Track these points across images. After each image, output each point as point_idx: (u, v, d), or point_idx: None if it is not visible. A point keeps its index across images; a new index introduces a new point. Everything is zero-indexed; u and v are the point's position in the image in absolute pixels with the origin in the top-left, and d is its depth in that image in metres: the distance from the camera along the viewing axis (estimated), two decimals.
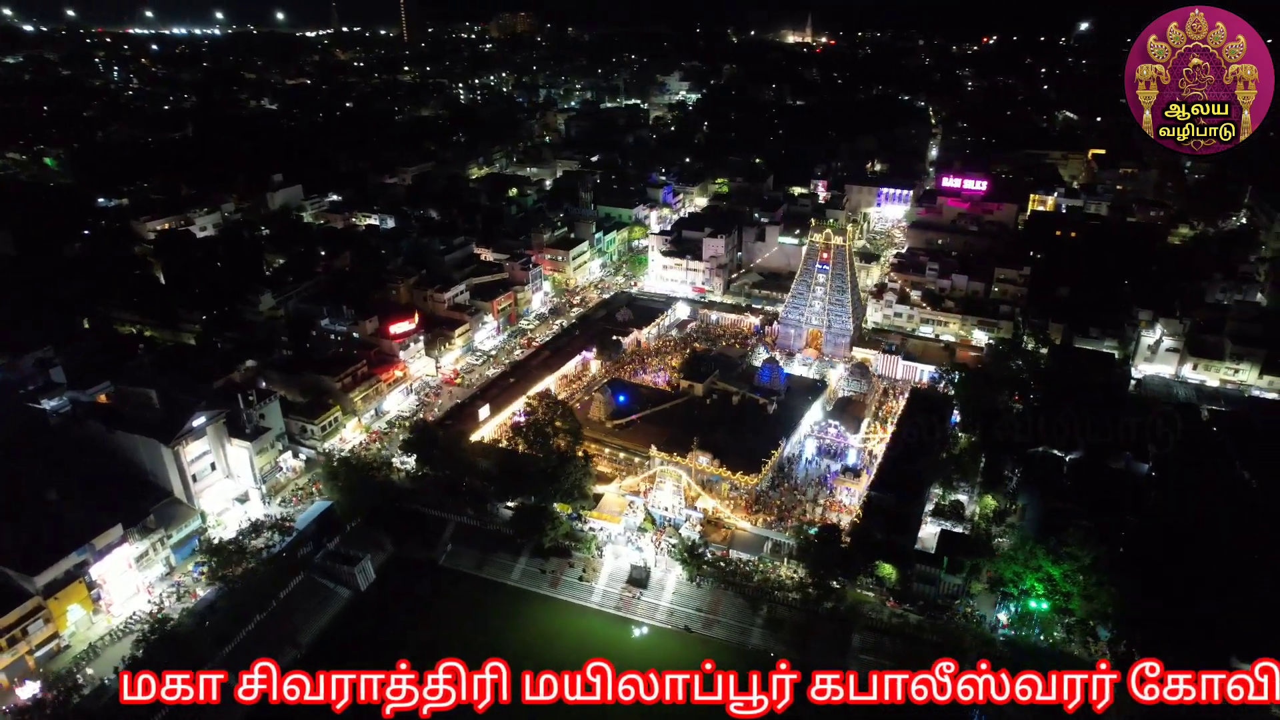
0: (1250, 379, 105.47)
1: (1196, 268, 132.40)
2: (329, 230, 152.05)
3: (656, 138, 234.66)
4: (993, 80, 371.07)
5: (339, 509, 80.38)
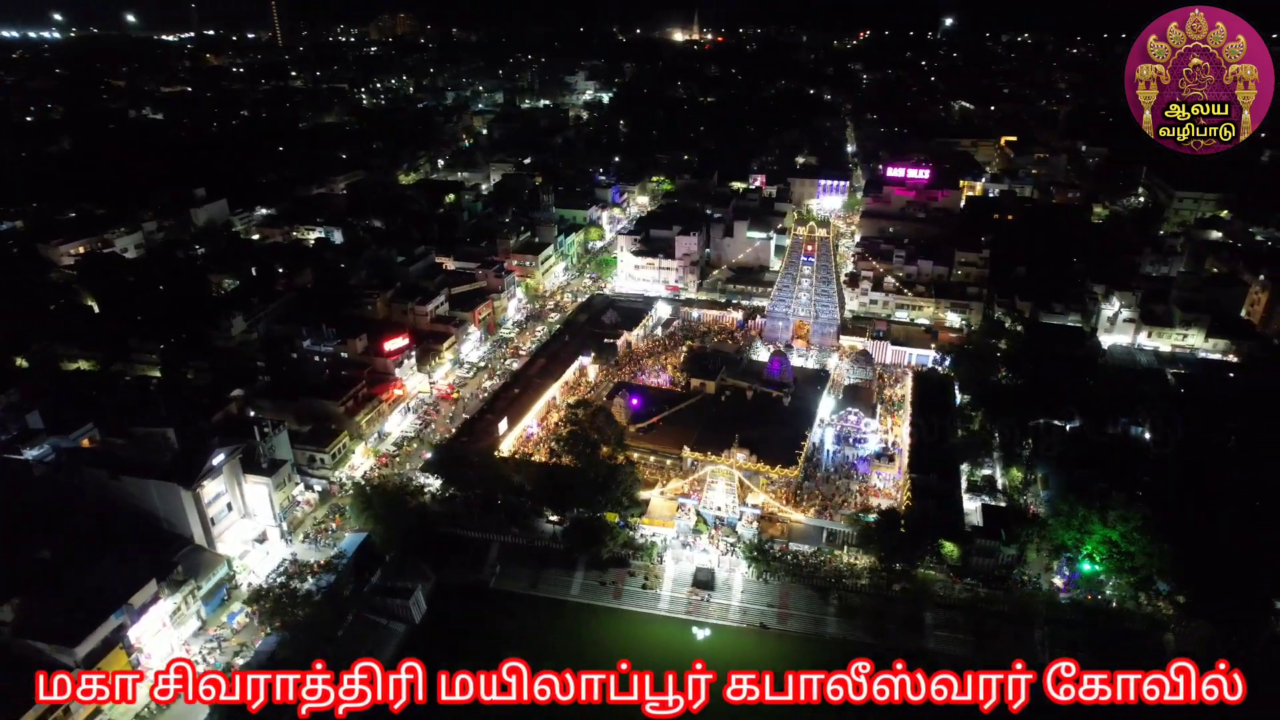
0: (1198, 343, 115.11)
1: (1125, 243, 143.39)
2: (276, 246, 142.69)
3: (581, 138, 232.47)
4: (883, 73, 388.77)
5: (377, 539, 75.72)
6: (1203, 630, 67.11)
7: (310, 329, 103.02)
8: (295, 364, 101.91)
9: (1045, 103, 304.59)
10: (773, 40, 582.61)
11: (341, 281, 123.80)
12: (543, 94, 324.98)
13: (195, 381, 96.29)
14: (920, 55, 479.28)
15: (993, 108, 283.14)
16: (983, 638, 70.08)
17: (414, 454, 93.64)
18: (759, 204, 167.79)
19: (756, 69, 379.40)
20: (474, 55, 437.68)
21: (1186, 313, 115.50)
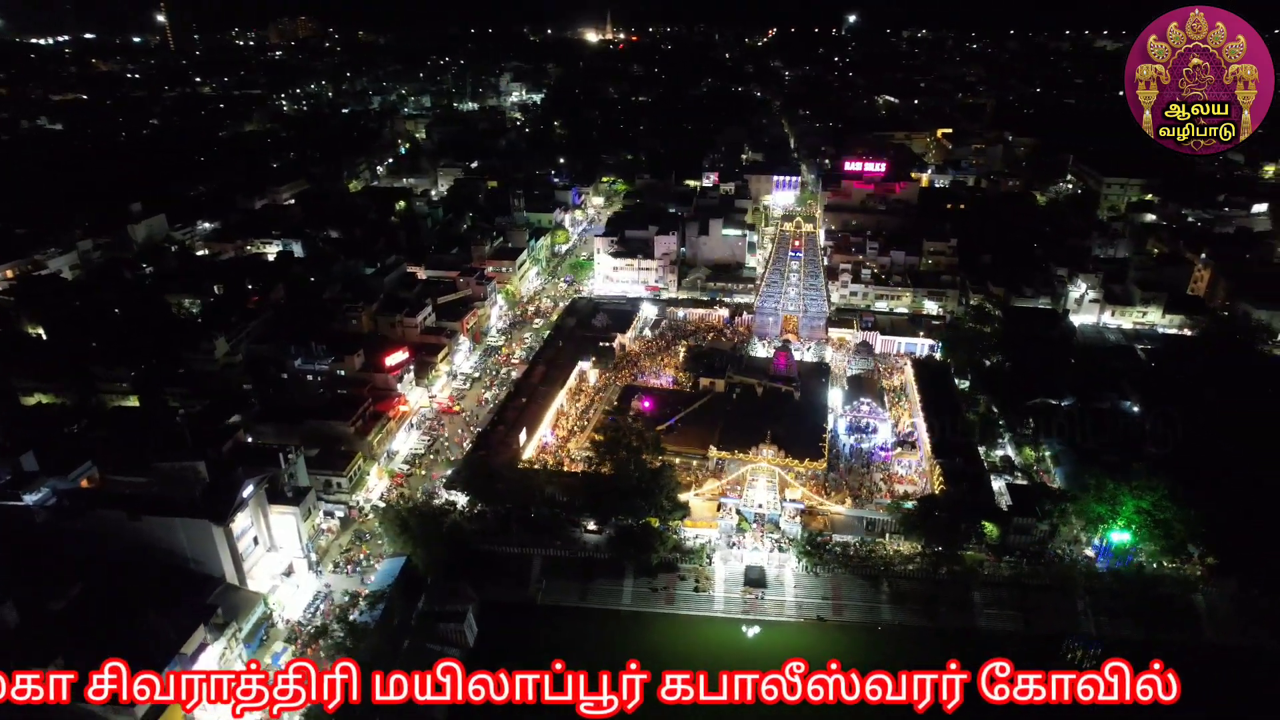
0: (1156, 319, 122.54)
1: (1073, 227, 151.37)
2: (235, 262, 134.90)
3: (524, 140, 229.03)
4: (801, 70, 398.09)
5: (418, 562, 72.58)
6: (1230, 588, 71.53)
7: (299, 348, 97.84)
8: (287, 385, 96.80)
9: (961, 96, 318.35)
10: (687, 39, 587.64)
11: (315, 296, 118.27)
12: (471, 97, 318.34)
13: (183, 409, 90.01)
14: (831, 52, 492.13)
15: (916, 101, 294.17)
16: (1028, 612, 72.62)
17: (428, 471, 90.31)
18: (718, 202, 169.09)
19: (679, 68, 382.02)
20: (388, 58, 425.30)
21: (1145, 291, 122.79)
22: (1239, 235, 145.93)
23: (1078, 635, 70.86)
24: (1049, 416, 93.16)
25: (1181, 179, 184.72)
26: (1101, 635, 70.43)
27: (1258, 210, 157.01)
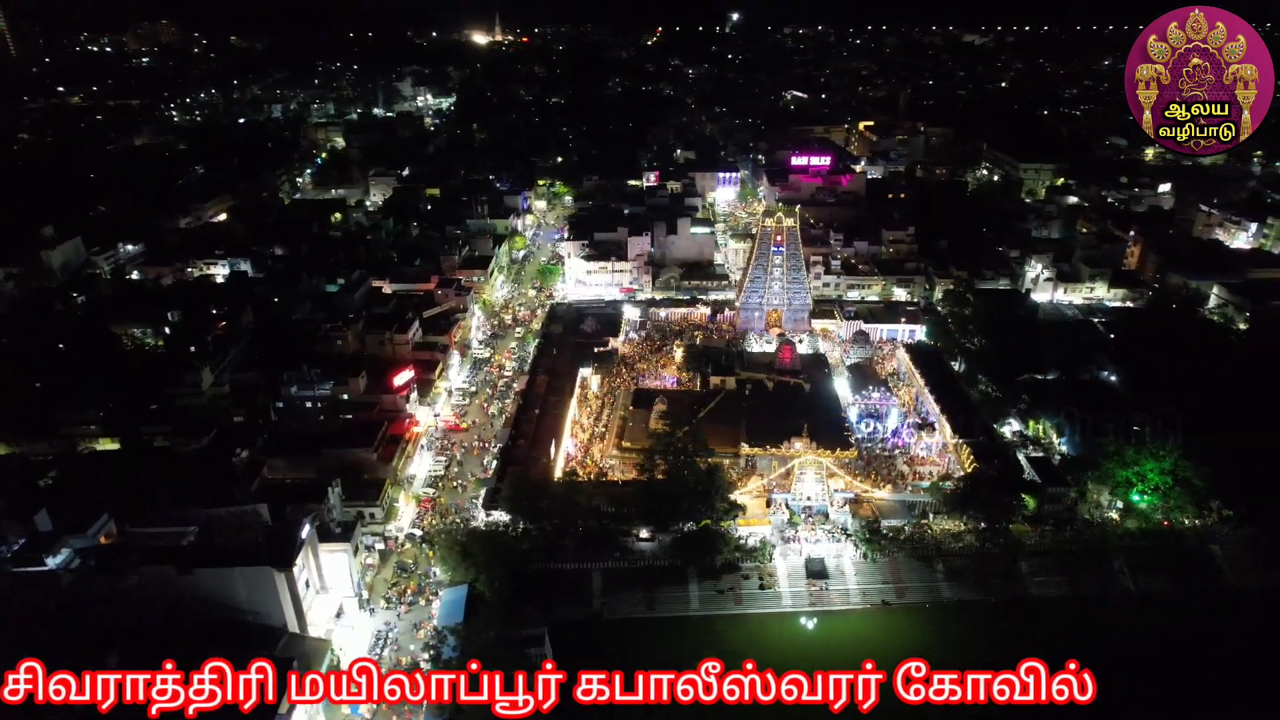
0: (1103, 294, 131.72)
1: (1009, 212, 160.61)
2: (183, 286, 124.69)
3: (451, 147, 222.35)
4: (701, 68, 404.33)
5: (483, 589, 69.44)
6: (1245, 536, 77.79)
7: (292, 373, 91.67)
8: (283, 415, 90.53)
9: (862, 89, 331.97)
10: (579, 39, 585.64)
11: (284, 318, 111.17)
12: (378, 103, 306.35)
13: (179, 448, 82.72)
14: (724, 50, 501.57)
15: (823, 96, 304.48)
16: (1072, 577, 76.65)
17: (453, 493, 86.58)
18: (669, 201, 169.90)
19: (582, 68, 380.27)
20: (271, 65, 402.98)
21: (1091, 269, 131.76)
22: (1152, 213, 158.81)
23: (1121, 594, 75.56)
24: (1040, 391, 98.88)
25: (1083, 162, 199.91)
26: (1140, 591, 75.36)
27: (1163, 190, 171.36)
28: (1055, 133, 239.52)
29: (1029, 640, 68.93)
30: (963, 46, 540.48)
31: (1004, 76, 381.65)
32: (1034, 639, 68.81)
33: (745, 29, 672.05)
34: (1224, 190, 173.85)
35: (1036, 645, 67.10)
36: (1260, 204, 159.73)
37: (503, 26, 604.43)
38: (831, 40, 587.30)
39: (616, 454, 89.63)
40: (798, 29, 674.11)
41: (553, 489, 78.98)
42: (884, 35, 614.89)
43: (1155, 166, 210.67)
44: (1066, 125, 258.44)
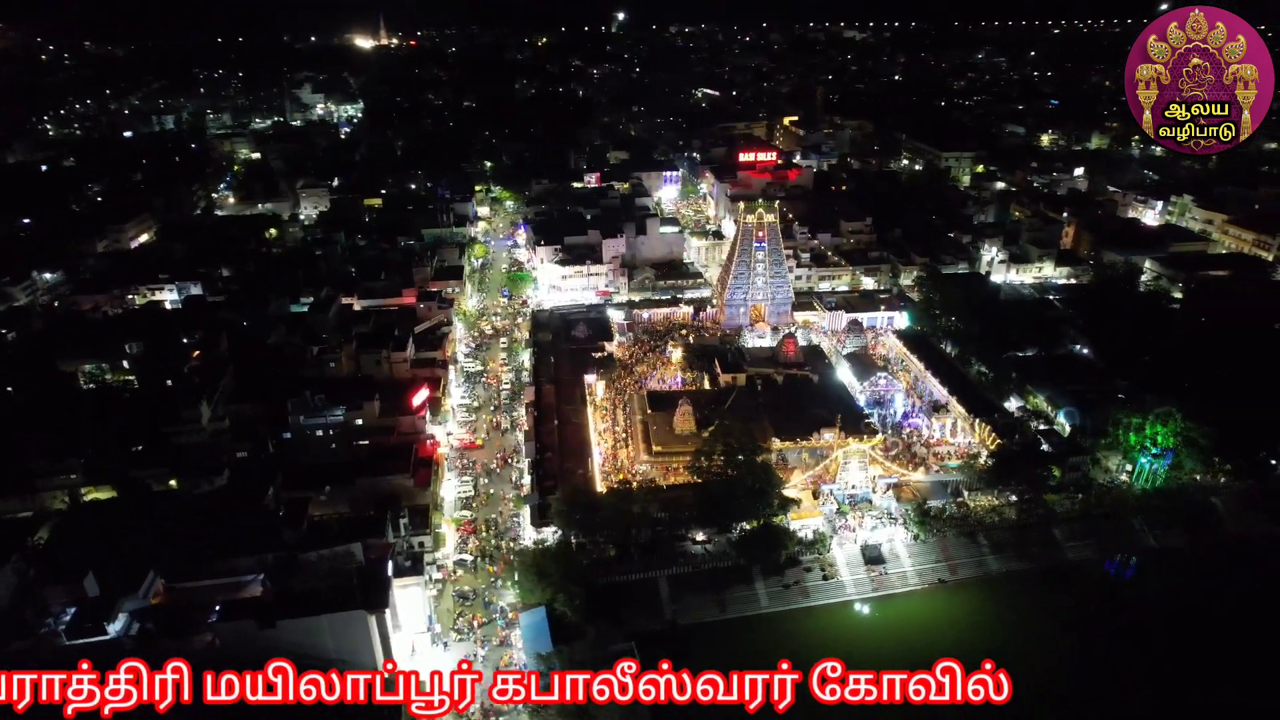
0: (1050, 272, 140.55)
1: (947, 198, 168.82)
2: (133, 315, 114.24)
3: (377, 156, 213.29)
4: (604, 68, 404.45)
5: (562, 608, 67.27)
6: (1242, 488, 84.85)
7: (296, 401, 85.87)
8: (292, 446, 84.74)
9: (765, 85, 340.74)
10: (469, 42, 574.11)
11: (259, 343, 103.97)
12: (275, 111, 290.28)
13: (187, 491, 76.08)
14: (618, 49, 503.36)
15: (734, 93, 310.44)
16: (1100, 539, 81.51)
17: (486, 511, 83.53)
18: (620, 202, 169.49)
19: (483, 72, 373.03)
20: (140, 71, 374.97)
21: (1039, 249, 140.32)
22: (1073, 195, 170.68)
23: (1144, 550, 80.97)
24: (1026, 367, 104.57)
25: (995, 150, 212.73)
26: (1160, 547, 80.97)
27: (1078, 174, 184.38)
28: (960, 123, 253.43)
29: (1071, 607, 73.88)
30: (845, 42, 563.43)
31: (893, 70, 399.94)
32: (1074, 605, 74.15)
33: (631, 28, 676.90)
34: (1115, 173, 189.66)
35: (1077, 612, 73.43)
36: (1165, 184, 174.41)
37: (388, 30, 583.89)
38: (720, 39, 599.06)
39: (648, 459, 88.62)
40: (683, 28, 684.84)
41: (604, 500, 77.35)
42: (768, 32, 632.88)
43: (1052, 152, 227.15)
44: (963, 115, 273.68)
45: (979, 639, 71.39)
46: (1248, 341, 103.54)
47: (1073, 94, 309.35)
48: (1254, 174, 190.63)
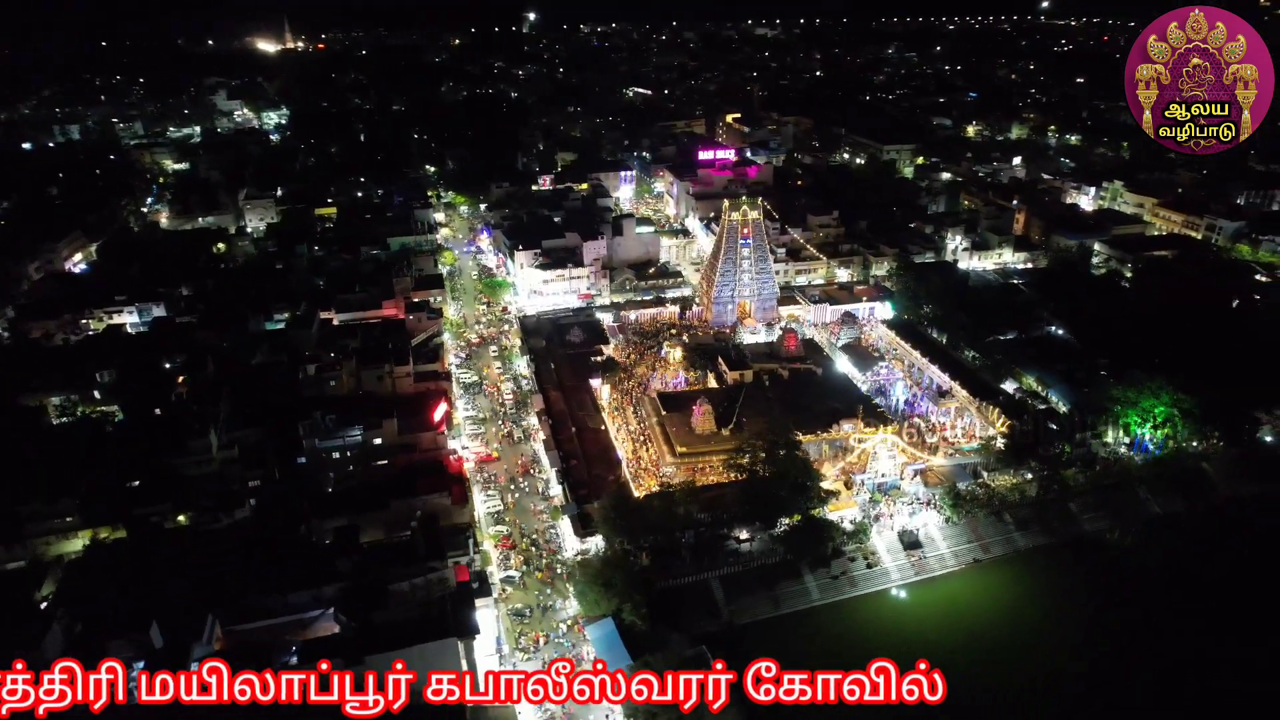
0: (1009, 258, 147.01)
1: (899, 189, 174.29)
2: (94, 341, 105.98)
3: (321, 165, 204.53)
4: (529, 69, 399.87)
5: (631, 616, 66.36)
6: (1230, 452, 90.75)
7: (307, 424, 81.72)
8: (305, 471, 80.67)
9: (693, 83, 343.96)
10: (381, 43, 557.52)
11: (243, 364, 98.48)
12: (191, 119, 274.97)
13: (205, 526, 71.39)
14: (540, 50, 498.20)
15: (666, 91, 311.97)
16: (1111, 510, 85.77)
17: (524, 527, 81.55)
18: (581, 203, 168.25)
19: (406, 74, 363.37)
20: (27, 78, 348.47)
21: (998, 236, 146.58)
22: (1014, 184, 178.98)
23: (1149, 517, 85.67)
24: (1012, 350, 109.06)
25: (929, 142, 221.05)
26: (1164, 513, 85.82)
27: (1016, 163, 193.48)
28: (893, 117, 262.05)
29: (1093, 577, 77.87)
30: (758, 39, 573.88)
31: (813, 67, 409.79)
32: (1095, 575, 78.14)
33: (543, 28, 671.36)
34: (1042, 162, 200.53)
35: (1098, 581, 77.24)
36: (1094, 170, 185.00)
37: (293, 33, 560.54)
38: (635, 38, 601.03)
39: (673, 460, 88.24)
40: (595, 27, 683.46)
41: (648, 504, 76.67)
42: (681, 30, 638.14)
43: (979, 142, 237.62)
44: (891, 110, 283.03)
45: (1020, 614, 74.86)
46: (1202, 316, 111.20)
47: (985, 87, 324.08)
48: (1164, 159, 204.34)
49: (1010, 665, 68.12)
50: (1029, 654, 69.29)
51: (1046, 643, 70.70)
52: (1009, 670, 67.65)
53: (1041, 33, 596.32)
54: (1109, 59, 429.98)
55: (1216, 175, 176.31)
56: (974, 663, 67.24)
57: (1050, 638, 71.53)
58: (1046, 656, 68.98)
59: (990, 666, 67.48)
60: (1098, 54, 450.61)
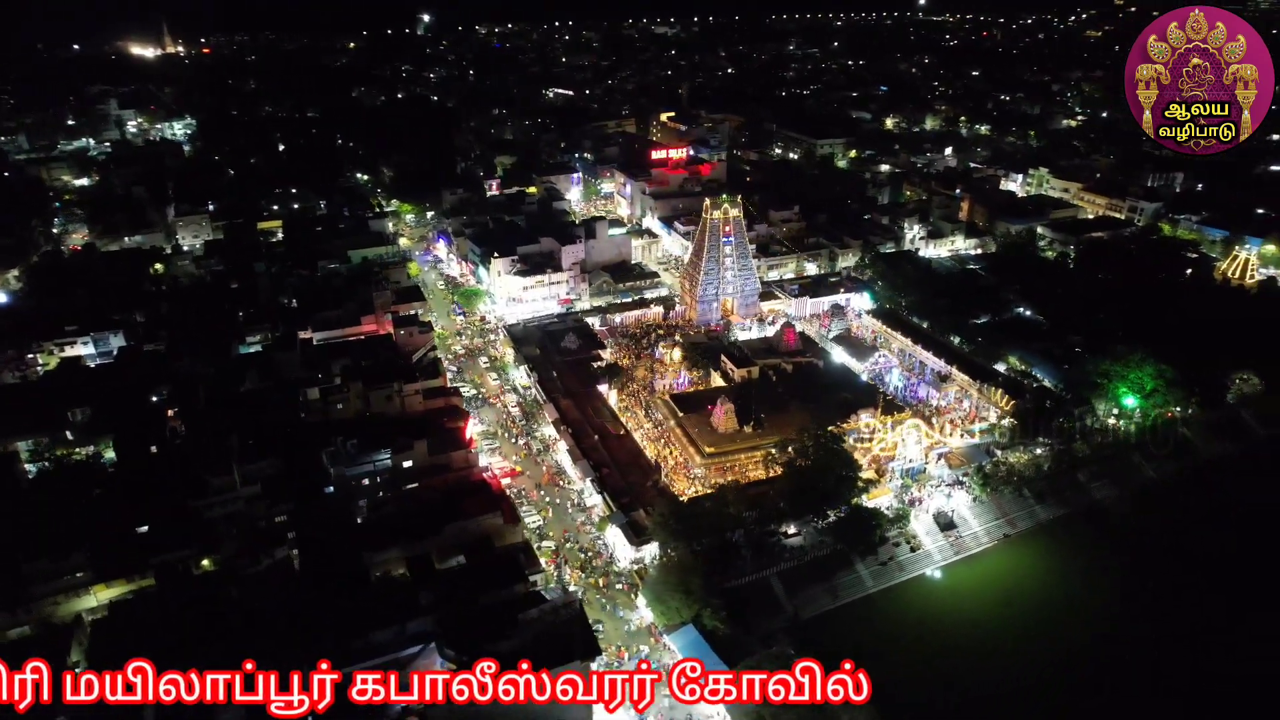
0: (961, 245, 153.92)
1: (844, 182, 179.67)
2: (51, 379, 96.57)
3: (255, 178, 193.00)
4: (439, 72, 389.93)
5: (712, 621, 66.05)
6: (1203, 416, 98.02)
7: (332, 452, 77.52)
8: (331, 501, 76.48)
9: (610, 82, 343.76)
10: (273, 48, 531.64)
11: (232, 392, 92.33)
12: (80, 130, 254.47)
13: (244, 570, 66.67)
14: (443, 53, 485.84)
15: (588, 91, 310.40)
16: (1113, 478, 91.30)
17: (570, 540, 79.96)
18: (537, 206, 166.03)
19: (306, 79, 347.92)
20: None
21: (949, 224, 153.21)
22: (949, 173, 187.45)
23: (1145, 482, 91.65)
24: (992, 333, 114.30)
25: (858, 135, 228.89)
26: (1159, 476, 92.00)
27: (947, 153, 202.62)
28: (815, 111, 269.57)
29: (1108, 545, 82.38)
30: (660, 38, 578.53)
31: (721, 64, 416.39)
32: (1110, 543, 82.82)
33: (438, 30, 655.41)
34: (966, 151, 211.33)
35: (1113, 549, 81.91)
36: (1018, 159, 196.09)
37: (172, 37, 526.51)
38: (536, 38, 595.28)
39: (703, 461, 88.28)
40: (493, 28, 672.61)
41: (698, 506, 76.50)
42: (578, 30, 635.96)
43: (900, 135, 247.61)
44: (813, 104, 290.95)
45: (1054, 584, 78.33)
46: (1151, 292, 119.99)
47: (891, 81, 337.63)
48: (1069, 147, 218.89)
49: (1056, 634, 70.83)
50: (1071, 622, 72.30)
51: (1084, 610, 74.26)
52: (1055, 639, 70.13)
53: (924, 28, 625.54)
54: (993, 53, 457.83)
55: (1125, 160, 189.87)
56: (1020, 637, 70.57)
57: (1086, 605, 75.23)
58: (1086, 625, 71.98)
59: (1036, 638, 70.33)
60: (984, 49, 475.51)
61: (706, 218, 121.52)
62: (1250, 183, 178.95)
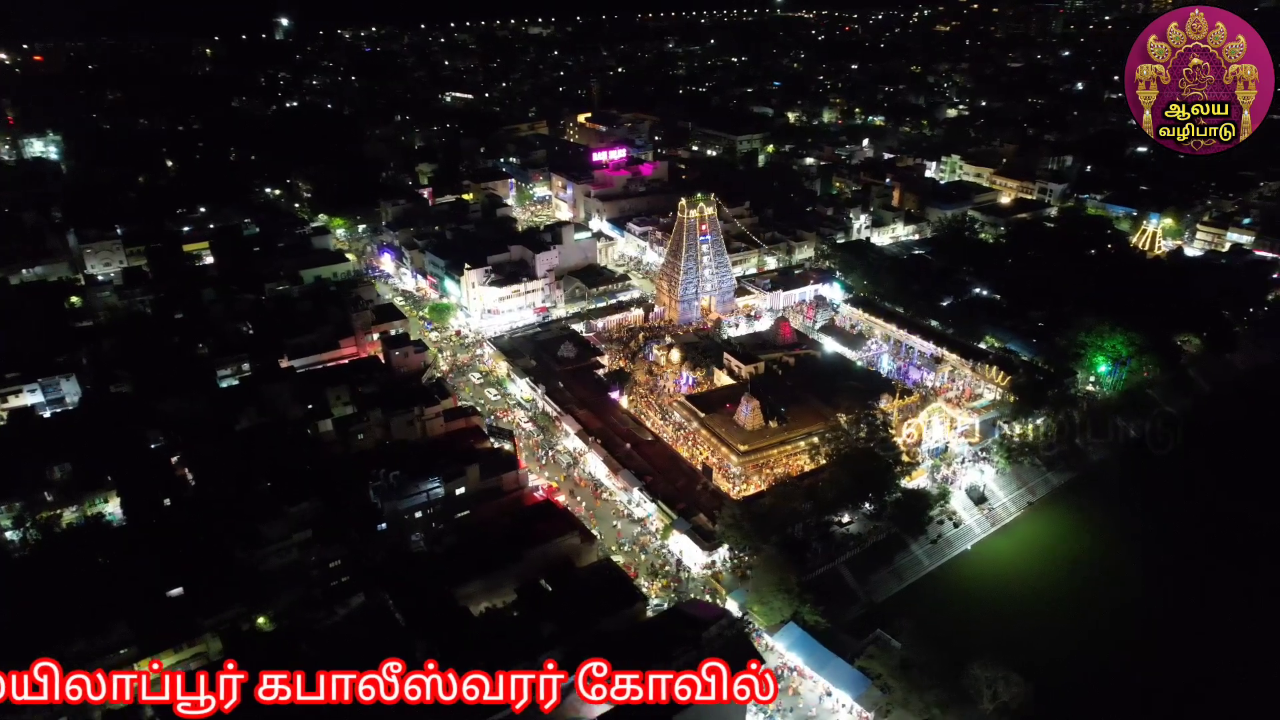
0: (902, 232, 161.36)
1: (778, 175, 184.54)
2: (13, 430, 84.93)
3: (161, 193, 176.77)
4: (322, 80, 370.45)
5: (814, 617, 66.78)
6: (1166, 378, 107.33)
7: (378, 486, 72.80)
8: (387, 537, 71.94)
9: (505, 84, 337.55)
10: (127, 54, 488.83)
11: (227, 432, 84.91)
12: None
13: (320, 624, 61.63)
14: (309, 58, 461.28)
15: (487, 95, 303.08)
16: (1103, 440, 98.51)
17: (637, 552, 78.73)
18: (481, 213, 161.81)
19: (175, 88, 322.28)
20: None
21: (889, 212, 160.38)
22: (868, 163, 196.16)
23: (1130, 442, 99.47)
24: (961, 313, 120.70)
25: (772, 130, 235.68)
26: (1138, 437, 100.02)
27: (865, 144, 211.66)
28: (719, 108, 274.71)
29: (1112, 502, 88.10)
30: (534, 39, 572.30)
31: (610, 64, 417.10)
32: (1112, 498, 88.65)
33: (299, 34, 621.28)
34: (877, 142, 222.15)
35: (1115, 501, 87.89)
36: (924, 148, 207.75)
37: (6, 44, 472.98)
38: (408, 40, 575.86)
39: (738, 460, 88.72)
40: (358, 31, 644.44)
41: (762, 507, 76.98)
42: (452, 32, 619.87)
43: (805, 129, 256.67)
44: (711, 101, 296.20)
45: (1081, 545, 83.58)
46: (1086, 267, 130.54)
47: (780, 76, 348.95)
48: (966, 135, 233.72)
49: (1097, 590, 75.38)
50: (1104, 580, 76.78)
51: (1114, 567, 79.06)
52: (1099, 595, 74.65)
53: (789, 24, 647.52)
54: (861, 46, 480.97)
55: (1023, 146, 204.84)
56: (1068, 598, 74.65)
57: (1113, 561, 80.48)
58: (1120, 581, 76.46)
59: (1083, 595, 74.84)
60: (851, 43, 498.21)
61: (683, 217, 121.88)
62: (1127, 162, 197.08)
